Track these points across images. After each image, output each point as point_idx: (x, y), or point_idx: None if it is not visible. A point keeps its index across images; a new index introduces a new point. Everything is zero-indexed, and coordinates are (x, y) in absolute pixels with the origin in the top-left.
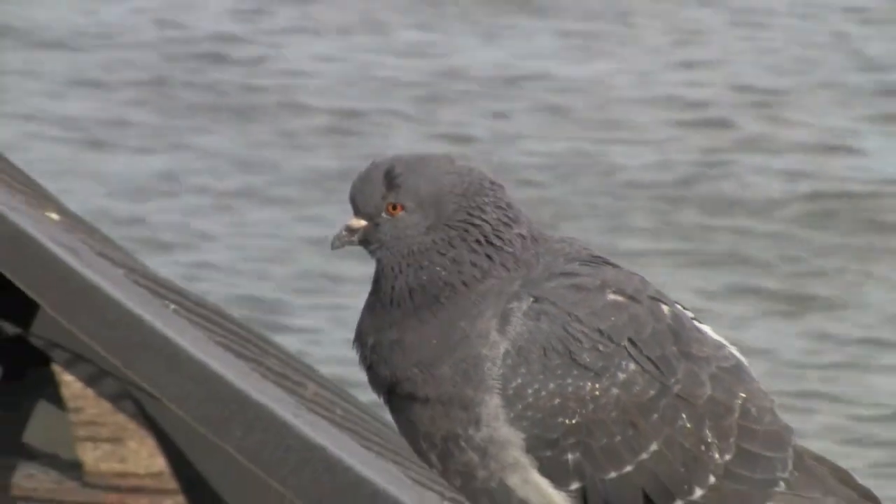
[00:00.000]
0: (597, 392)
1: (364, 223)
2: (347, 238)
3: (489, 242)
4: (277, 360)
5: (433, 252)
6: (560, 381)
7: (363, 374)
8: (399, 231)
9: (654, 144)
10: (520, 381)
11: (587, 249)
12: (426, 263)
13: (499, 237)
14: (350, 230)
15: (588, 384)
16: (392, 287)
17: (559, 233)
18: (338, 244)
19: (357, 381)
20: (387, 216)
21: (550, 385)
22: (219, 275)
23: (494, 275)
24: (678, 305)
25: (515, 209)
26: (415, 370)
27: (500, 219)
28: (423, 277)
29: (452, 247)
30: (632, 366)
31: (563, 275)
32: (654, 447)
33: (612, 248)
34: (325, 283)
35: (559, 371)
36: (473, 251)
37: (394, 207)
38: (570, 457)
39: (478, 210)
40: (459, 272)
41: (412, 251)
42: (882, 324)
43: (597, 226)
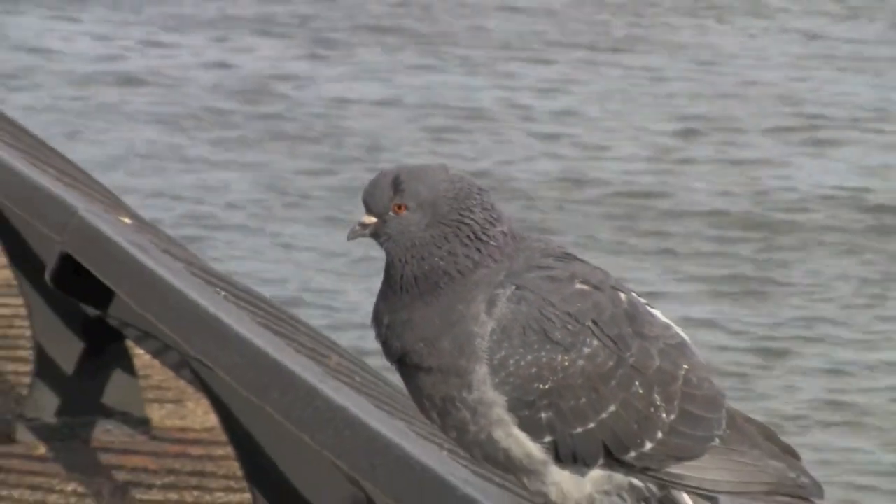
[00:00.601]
0: (566, 363)
1: (374, 220)
2: (360, 231)
3: (478, 238)
4: (307, 337)
5: (432, 245)
6: (536, 354)
7: (378, 347)
8: (403, 227)
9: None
10: (503, 353)
11: (560, 248)
12: (426, 255)
13: (485, 234)
14: (363, 225)
15: (559, 356)
16: (401, 276)
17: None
18: (353, 236)
19: (371, 350)
20: (393, 215)
21: (528, 357)
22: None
23: (484, 265)
24: (633, 294)
25: (498, 210)
26: (420, 344)
27: (487, 218)
28: (426, 267)
29: (447, 241)
30: (595, 342)
31: (540, 267)
32: (613, 408)
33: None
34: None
35: (535, 346)
36: (465, 245)
37: (399, 207)
38: (544, 415)
39: (467, 211)
40: (455, 263)
41: (414, 244)
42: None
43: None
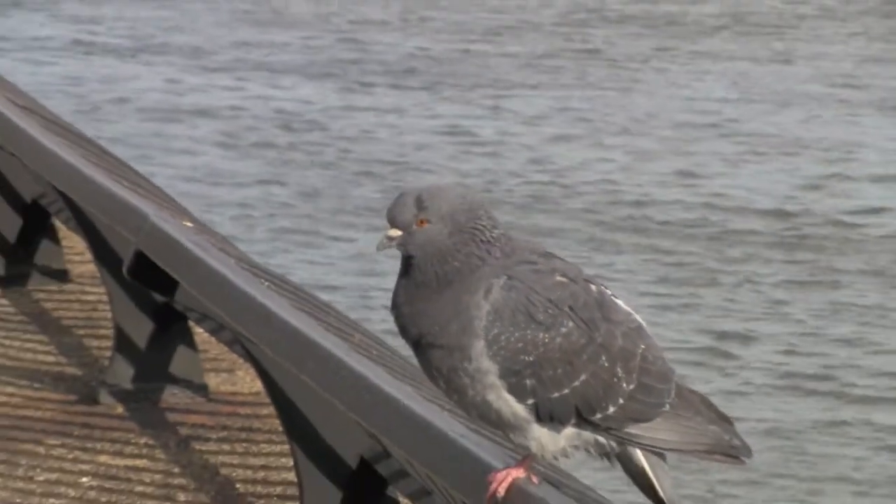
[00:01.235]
0: (546, 340)
1: (400, 233)
2: (388, 244)
3: (487, 241)
4: (335, 318)
5: (454, 250)
6: (522, 332)
7: (393, 328)
8: (429, 238)
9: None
10: (496, 331)
11: (543, 247)
12: (449, 258)
13: (491, 236)
14: (390, 238)
15: (541, 334)
16: (422, 275)
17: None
18: (382, 247)
19: (387, 329)
20: (416, 228)
21: (516, 334)
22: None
23: (488, 263)
24: (602, 286)
25: (495, 218)
26: (436, 328)
27: (490, 224)
28: (446, 268)
29: (466, 245)
30: (570, 324)
31: (527, 263)
32: (583, 378)
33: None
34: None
35: (522, 325)
36: (478, 247)
37: (421, 222)
38: (528, 382)
39: (478, 219)
40: (469, 262)
41: (440, 250)
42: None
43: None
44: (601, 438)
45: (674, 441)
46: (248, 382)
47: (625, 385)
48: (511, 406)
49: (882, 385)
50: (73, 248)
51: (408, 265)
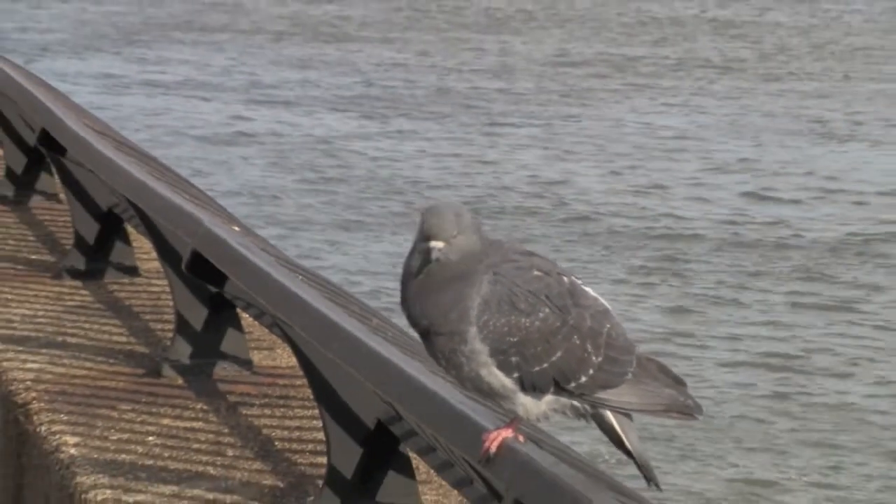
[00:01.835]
0: (527, 324)
1: (443, 244)
2: (437, 254)
3: (488, 244)
4: (356, 306)
5: (480, 253)
6: (507, 318)
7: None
8: (465, 246)
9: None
10: (486, 318)
11: (522, 247)
12: (471, 260)
13: (488, 240)
14: (439, 249)
15: (522, 320)
16: (442, 276)
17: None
18: (435, 256)
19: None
20: (453, 239)
21: (502, 320)
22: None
23: (485, 262)
24: (573, 277)
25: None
26: (441, 318)
27: (487, 232)
28: (462, 267)
29: (481, 249)
30: (547, 310)
31: (510, 261)
32: (559, 354)
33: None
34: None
35: (506, 313)
36: (484, 249)
37: (455, 235)
38: (513, 359)
39: (480, 228)
40: (480, 262)
41: (472, 254)
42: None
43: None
44: (576, 403)
45: (637, 403)
46: (285, 358)
47: (594, 358)
48: (500, 379)
49: (811, 359)
50: (142, 248)
51: (434, 268)
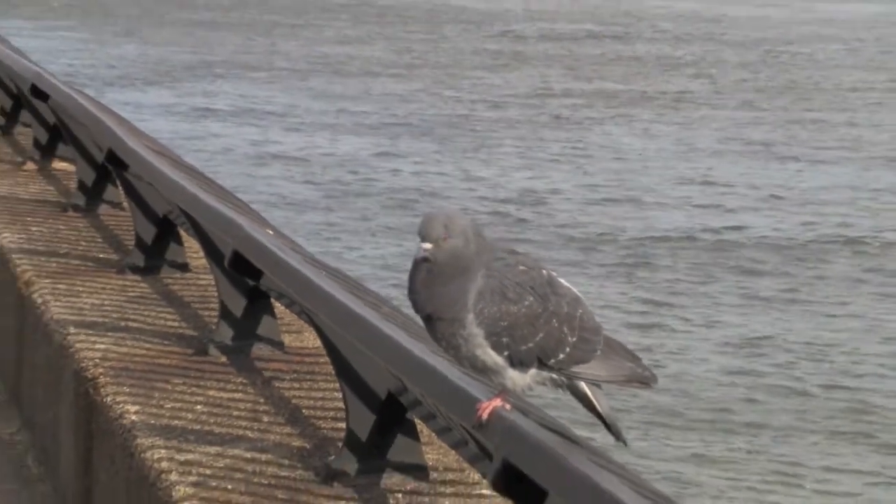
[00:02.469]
0: (515, 311)
1: (431, 245)
2: (425, 254)
3: (483, 246)
4: (371, 296)
5: (473, 254)
6: (498, 306)
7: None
8: (453, 247)
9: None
10: (480, 306)
11: (509, 246)
12: (466, 260)
13: (484, 241)
14: (426, 249)
15: (511, 307)
16: (440, 271)
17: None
18: (421, 256)
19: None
20: (442, 241)
21: (494, 308)
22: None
23: (480, 260)
24: (551, 271)
25: (481, 232)
26: (445, 307)
27: (482, 232)
28: (460, 265)
29: (472, 252)
30: (531, 298)
31: (500, 259)
32: (541, 335)
33: None
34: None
35: (497, 302)
36: (478, 249)
37: (445, 238)
38: (504, 340)
39: (475, 234)
40: (475, 261)
41: (463, 255)
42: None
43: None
44: (555, 376)
45: (604, 375)
46: (311, 340)
47: (569, 338)
48: (492, 357)
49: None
50: (191, 248)
51: (425, 265)
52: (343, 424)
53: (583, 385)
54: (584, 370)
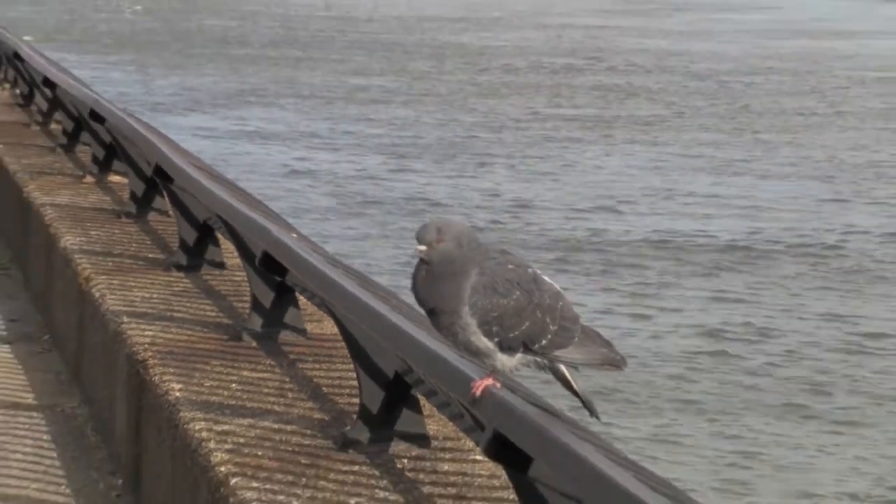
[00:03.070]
0: (504, 303)
1: (425, 247)
2: (420, 254)
3: (477, 249)
4: (381, 290)
5: (463, 256)
6: (489, 300)
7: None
8: (446, 250)
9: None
10: (474, 300)
11: (501, 248)
12: (459, 261)
13: (477, 244)
14: (421, 250)
15: (501, 300)
16: (437, 270)
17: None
18: (417, 254)
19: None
20: (436, 244)
21: (486, 301)
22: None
23: (475, 261)
24: (535, 269)
25: (476, 236)
26: (444, 302)
27: (474, 241)
28: (456, 266)
29: (468, 252)
30: (518, 293)
31: (491, 259)
32: (527, 324)
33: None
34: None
35: (489, 296)
36: (473, 251)
37: (439, 241)
38: (494, 328)
39: (469, 238)
40: (471, 261)
41: (456, 256)
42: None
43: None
44: (538, 359)
45: (581, 358)
46: (330, 328)
47: (551, 327)
48: (485, 343)
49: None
50: (227, 249)
51: (430, 266)
52: (357, 400)
53: (562, 367)
54: (564, 354)
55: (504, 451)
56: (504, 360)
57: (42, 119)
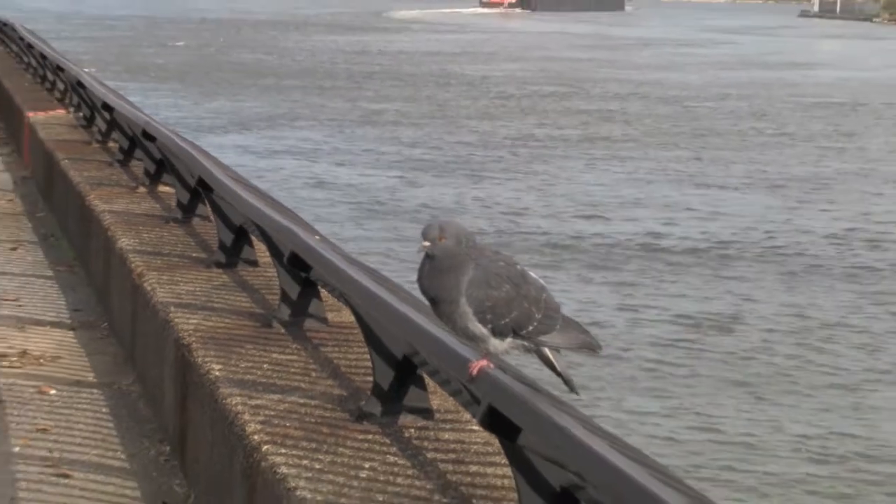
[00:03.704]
0: (495, 295)
1: (429, 243)
2: (424, 249)
3: (473, 247)
4: (391, 284)
5: (461, 253)
6: (483, 292)
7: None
8: (447, 247)
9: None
10: (471, 291)
11: (494, 248)
12: (458, 258)
13: (475, 243)
14: (425, 246)
15: (493, 292)
16: (439, 265)
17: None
18: (420, 250)
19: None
20: (438, 241)
21: (480, 292)
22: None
23: (472, 258)
24: (523, 266)
25: (473, 236)
26: (443, 292)
27: (472, 241)
28: (455, 262)
29: (466, 250)
30: (508, 286)
31: (486, 257)
32: (515, 313)
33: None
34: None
35: (483, 288)
36: (470, 249)
37: (440, 238)
38: (488, 316)
39: (467, 238)
40: (469, 258)
41: (454, 253)
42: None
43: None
44: (525, 343)
45: (563, 343)
46: (347, 317)
47: (536, 315)
48: (479, 329)
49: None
50: (260, 250)
51: (429, 261)
52: (370, 378)
53: (546, 350)
54: (548, 339)
55: (497, 423)
56: (496, 344)
57: (101, 138)
